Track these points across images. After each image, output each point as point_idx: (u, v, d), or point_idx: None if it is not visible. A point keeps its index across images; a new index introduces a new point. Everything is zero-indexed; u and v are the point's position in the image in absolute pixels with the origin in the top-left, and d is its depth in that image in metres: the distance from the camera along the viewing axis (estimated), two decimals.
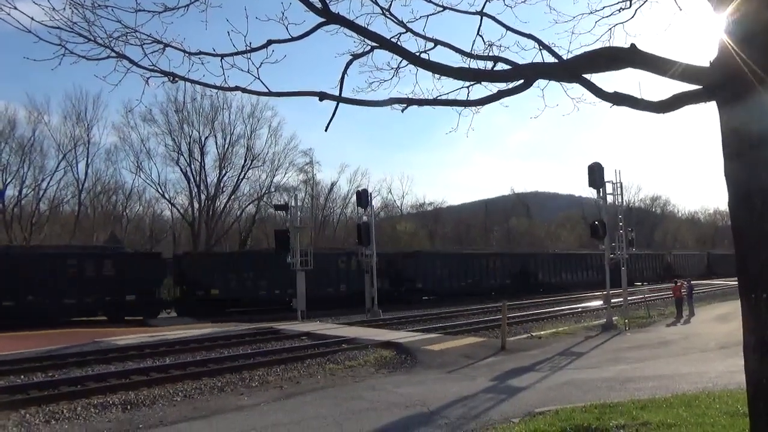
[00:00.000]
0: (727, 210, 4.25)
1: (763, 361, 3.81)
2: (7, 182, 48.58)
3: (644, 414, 7.14)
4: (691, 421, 6.57)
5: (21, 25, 4.39)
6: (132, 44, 4.73)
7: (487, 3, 5.62)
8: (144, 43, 4.72)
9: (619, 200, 23.58)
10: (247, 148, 57.95)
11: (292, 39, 4.74)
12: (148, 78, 4.77)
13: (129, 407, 10.03)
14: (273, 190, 59.89)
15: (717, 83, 4.15)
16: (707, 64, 4.24)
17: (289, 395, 10.73)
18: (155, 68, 4.71)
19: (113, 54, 4.65)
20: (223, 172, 57.48)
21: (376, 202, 58.70)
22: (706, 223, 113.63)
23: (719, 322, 21.81)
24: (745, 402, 4.15)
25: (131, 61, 4.66)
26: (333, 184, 69.38)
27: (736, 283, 4.18)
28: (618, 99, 4.66)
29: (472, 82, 5.20)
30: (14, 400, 10.20)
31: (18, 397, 10.54)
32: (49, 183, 51.03)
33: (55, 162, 51.11)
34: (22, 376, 12.89)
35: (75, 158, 52.17)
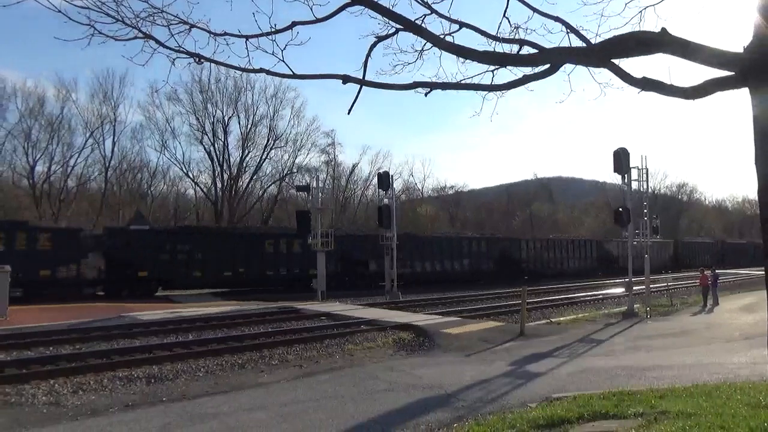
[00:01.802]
0: (756, 198, 4.16)
1: None
2: (36, 158, 49.75)
3: (663, 403, 7.09)
4: (711, 411, 6.50)
5: (52, 5, 4.45)
6: (159, 25, 4.77)
7: None
8: (170, 24, 4.76)
9: (645, 187, 23.19)
10: (270, 129, 58.49)
11: (317, 20, 4.72)
12: (174, 59, 4.82)
13: (153, 381, 10.29)
14: (295, 170, 60.43)
15: (750, 69, 4.04)
16: (740, 49, 4.12)
17: (307, 374, 10.90)
18: (181, 49, 4.75)
19: (140, 35, 4.70)
20: (246, 152, 58.11)
21: (397, 185, 58.72)
22: (734, 212, 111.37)
23: (744, 312, 21.45)
24: None
25: (158, 42, 4.71)
26: (354, 166, 69.63)
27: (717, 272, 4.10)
28: (646, 84, 4.56)
29: (497, 66, 5.14)
30: (43, 371, 10.54)
31: (47, 367, 10.89)
32: (76, 160, 52.20)
33: (82, 139, 52.20)
34: (51, 348, 13.30)
35: (102, 136, 53.25)
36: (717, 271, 27.11)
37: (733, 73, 4.21)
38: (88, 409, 8.46)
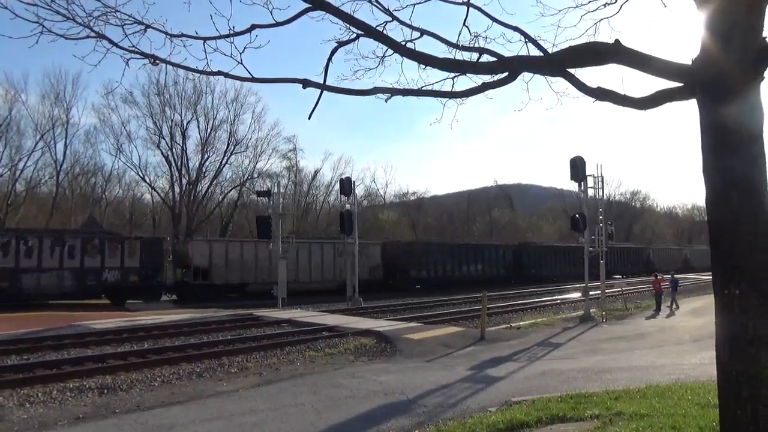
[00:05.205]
0: (704, 206, 4.31)
1: (733, 354, 3.90)
2: None
3: (618, 404, 7.27)
4: (663, 411, 6.69)
5: None
6: (112, 24, 4.63)
7: None
8: (125, 24, 4.62)
9: (600, 194, 23.82)
10: (230, 133, 57.46)
11: (277, 24, 4.67)
12: (128, 59, 4.69)
13: (105, 391, 9.94)
14: (256, 176, 59.58)
15: (698, 81, 4.20)
16: (689, 62, 4.28)
17: (268, 382, 10.73)
18: (136, 50, 4.62)
19: (92, 34, 4.55)
20: (206, 156, 56.94)
21: (359, 191, 57.89)
22: (683, 218, 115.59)
23: (694, 316, 22.23)
24: (715, 394, 4.25)
25: (111, 42, 4.56)
26: (316, 172, 69.23)
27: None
28: (601, 94, 4.69)
29: (457, 74, 5.19)
30: None
31: None
32: (26, 163, 50.08)
33: (32, 142, 50.15)
34: None
35: (53, 138, 51.23)
36: (676, 276, 27.82)
37: (682, 84, 4.37)
38: (35, 423, 8.11)
